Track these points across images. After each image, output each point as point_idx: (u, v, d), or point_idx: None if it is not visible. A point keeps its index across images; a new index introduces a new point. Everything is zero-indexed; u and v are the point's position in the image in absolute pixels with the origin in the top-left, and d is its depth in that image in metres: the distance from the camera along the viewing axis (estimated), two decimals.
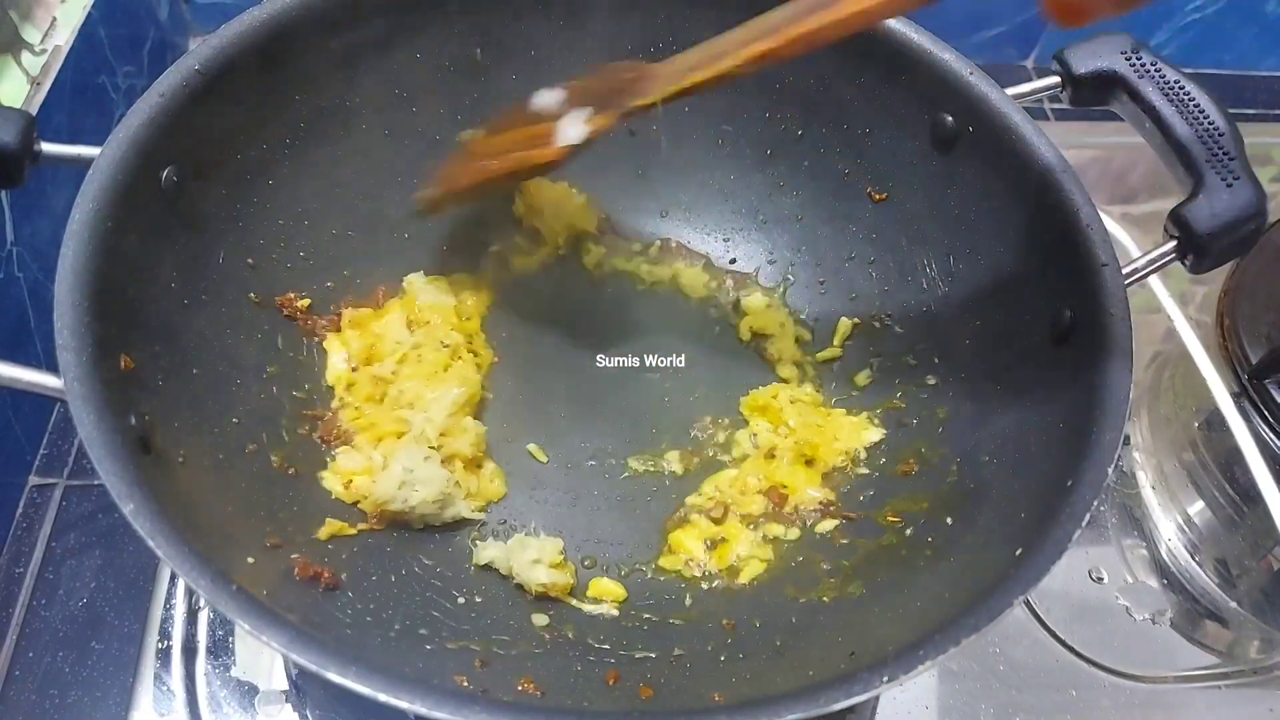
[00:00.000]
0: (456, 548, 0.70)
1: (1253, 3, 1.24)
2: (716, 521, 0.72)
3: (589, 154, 0.83)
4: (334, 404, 0.72)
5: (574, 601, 0.68)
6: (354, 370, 0.74)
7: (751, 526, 0.72)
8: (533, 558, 0.67)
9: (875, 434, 0.75)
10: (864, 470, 0.74)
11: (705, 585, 0.70)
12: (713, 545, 0.71)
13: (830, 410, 0.77)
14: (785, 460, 0.74)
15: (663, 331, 0.82)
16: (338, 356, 0.74)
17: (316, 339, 0.74)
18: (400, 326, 0.76)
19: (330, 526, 0.66)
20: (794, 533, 0.72)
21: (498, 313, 0.82)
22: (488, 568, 0.68)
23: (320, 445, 0.70)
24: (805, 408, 0.77)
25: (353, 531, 0.67)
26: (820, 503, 0.72)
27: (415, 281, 0.79)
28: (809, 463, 0.74)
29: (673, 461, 0.76)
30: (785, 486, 0.73)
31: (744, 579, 0.69)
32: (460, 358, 0.76)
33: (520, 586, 0.68)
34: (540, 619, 0.66)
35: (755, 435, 0.77)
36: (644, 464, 0.76)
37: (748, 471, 0.75)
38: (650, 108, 0.67)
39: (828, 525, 0.71)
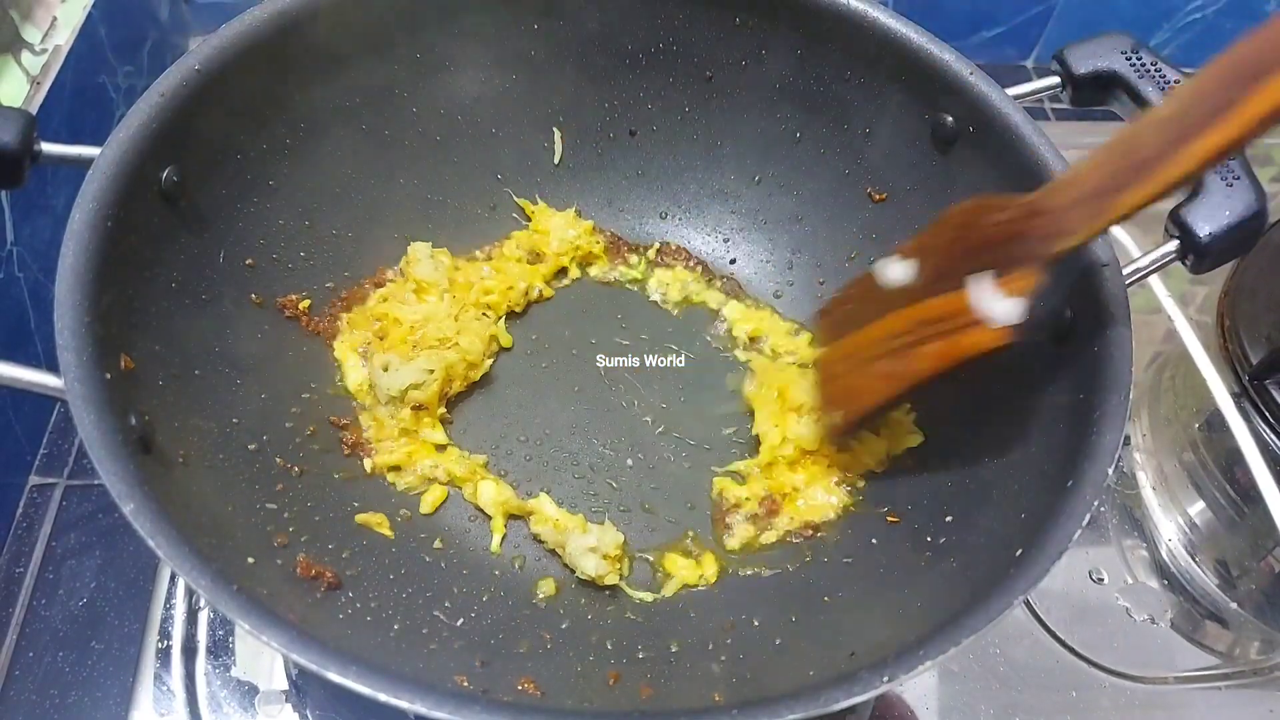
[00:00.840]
0: (458, 548, 0.70)
1: (1253, 3, 1.24)
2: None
3: (590, 154, 0.84)
4: (359, 412, 0.73)
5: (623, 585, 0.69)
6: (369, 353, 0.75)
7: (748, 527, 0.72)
8: (589, 544, 0.68)
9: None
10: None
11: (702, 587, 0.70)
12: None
13: None
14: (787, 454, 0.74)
15: (663, 332, 0.83)
16: (353, 363, 0.74)
17: (321, 338, 0.74)
18: (400, 302, 0.77)
19: (370, 518, 0.67)
20: (791, 534, 0.72)
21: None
22: (488, 566, 0.69)
23: (343, 450, 0.71)
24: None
25: (388, 531, 0.67)
26: (819, 507, 0.73)
27: (420, 249, 0.79)
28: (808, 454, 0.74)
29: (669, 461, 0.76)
30: (783, 494, 0.73)
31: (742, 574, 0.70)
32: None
33: (521, 573, 0.69)
34: (547, 586, 0.68)
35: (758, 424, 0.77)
36: (640, 461, 0.76)
37: (749, 469, 0.75)
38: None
39: (826, 525, 0.72)
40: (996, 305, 0.59)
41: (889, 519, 0.69)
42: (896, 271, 0.65)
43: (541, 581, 0.69)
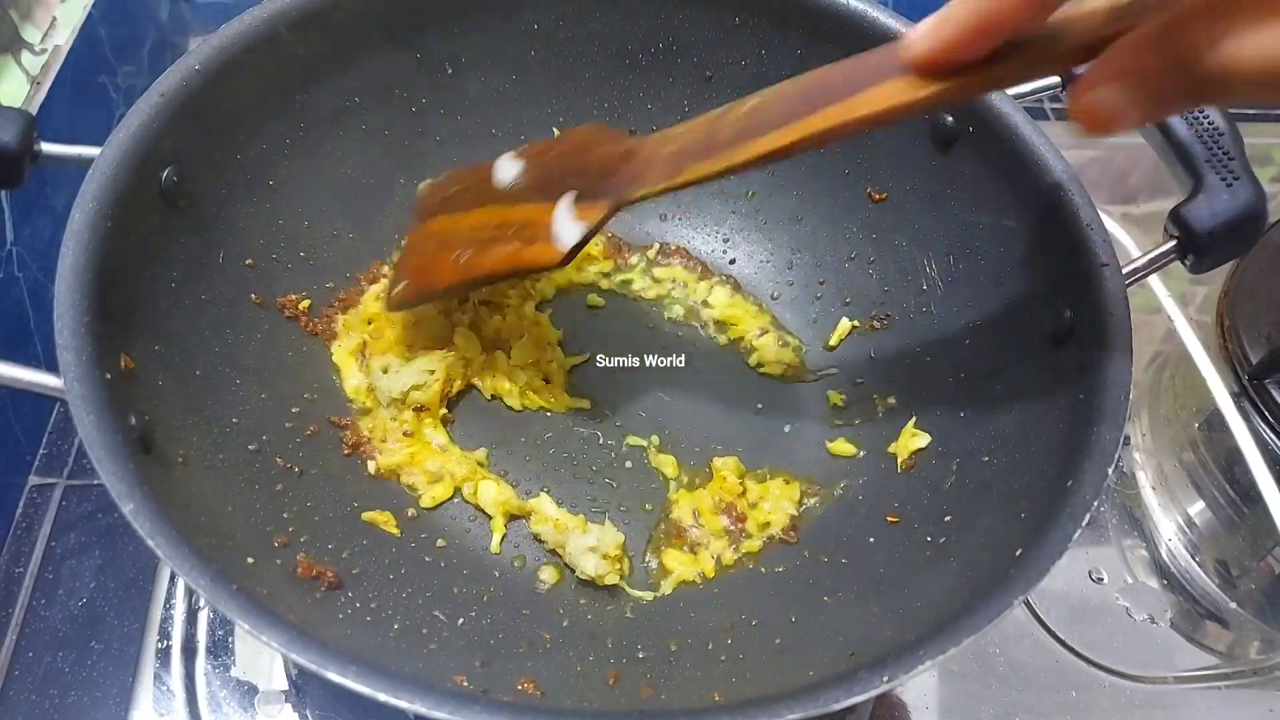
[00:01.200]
0: (458, 548, 0.70)
1: None
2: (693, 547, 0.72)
3: None
4: (359, 415, 0.73)
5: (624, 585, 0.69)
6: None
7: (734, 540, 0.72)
8: (589, 544, 0.67)
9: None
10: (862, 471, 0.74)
11: (700, 585, 0.70)
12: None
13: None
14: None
15: (663, 332, 0.83)
16: (350, 368, 0.74)
17: (320, 338, 0.74)
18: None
19: (377, 516, 0.67)
20: (775, 537, 0.72)
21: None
22: (489, 566, 0.69)
23: (344, 450, 0.71)
24: None
25: (394, 529, 0.68)
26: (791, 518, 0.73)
27: None
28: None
29: (665, 464, 0.75)
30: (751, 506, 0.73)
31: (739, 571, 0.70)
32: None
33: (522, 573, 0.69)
34: (549, 573, 0.68)
35: None
36: (639, 461, 0.76)
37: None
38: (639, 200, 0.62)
39: (804, 522, 0.72)
40: (566, 226, 0.63)
41: (888, 519, 0.69)
42: (506, 169, 0.68)
43: (543, 569, 0.69)
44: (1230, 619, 0.84)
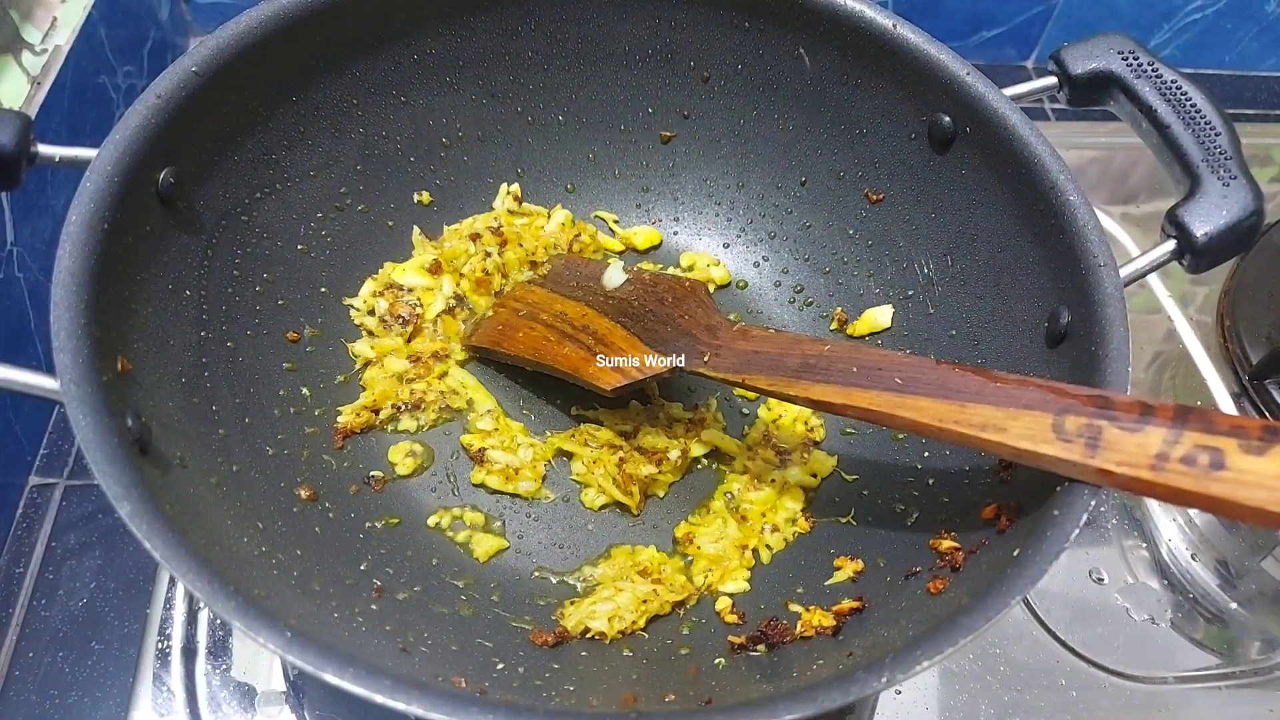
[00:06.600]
0: (455, 556, 0.70)
1: (1253, 3, 1.24)
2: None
3: (594, 167, 0.84)
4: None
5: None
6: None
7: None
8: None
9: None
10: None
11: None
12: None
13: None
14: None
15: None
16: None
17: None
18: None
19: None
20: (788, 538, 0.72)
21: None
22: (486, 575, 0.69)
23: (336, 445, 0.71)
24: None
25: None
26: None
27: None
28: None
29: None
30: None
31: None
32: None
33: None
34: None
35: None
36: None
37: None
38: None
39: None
40: (625, 366, 0.69)
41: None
42: (614, 277, 0.76)
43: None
44: (1230, 619, 0.84)
